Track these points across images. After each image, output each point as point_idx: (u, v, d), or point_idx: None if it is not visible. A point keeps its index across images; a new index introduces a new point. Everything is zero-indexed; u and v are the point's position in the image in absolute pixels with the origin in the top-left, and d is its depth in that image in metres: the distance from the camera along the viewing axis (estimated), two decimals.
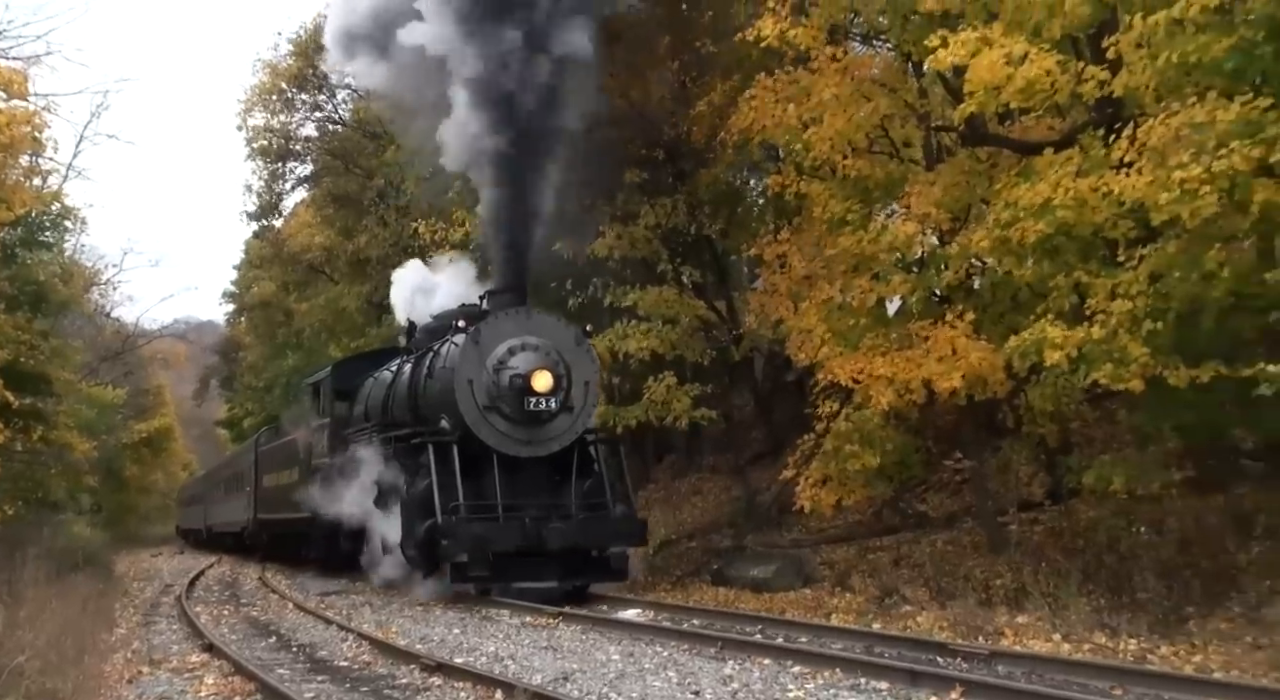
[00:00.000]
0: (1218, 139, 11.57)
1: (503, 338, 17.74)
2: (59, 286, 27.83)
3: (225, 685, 10.29)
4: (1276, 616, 11.33)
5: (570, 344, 18.18)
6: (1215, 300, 12.61)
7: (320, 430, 24.43)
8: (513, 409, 17.47)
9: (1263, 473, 15.44)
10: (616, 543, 17.16)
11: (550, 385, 17.40)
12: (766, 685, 8.78)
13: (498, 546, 16.30)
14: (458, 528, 16.31)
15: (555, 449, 17.86)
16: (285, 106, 38.69)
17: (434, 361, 18.98)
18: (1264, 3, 11.66)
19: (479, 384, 17.47)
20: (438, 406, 18.29)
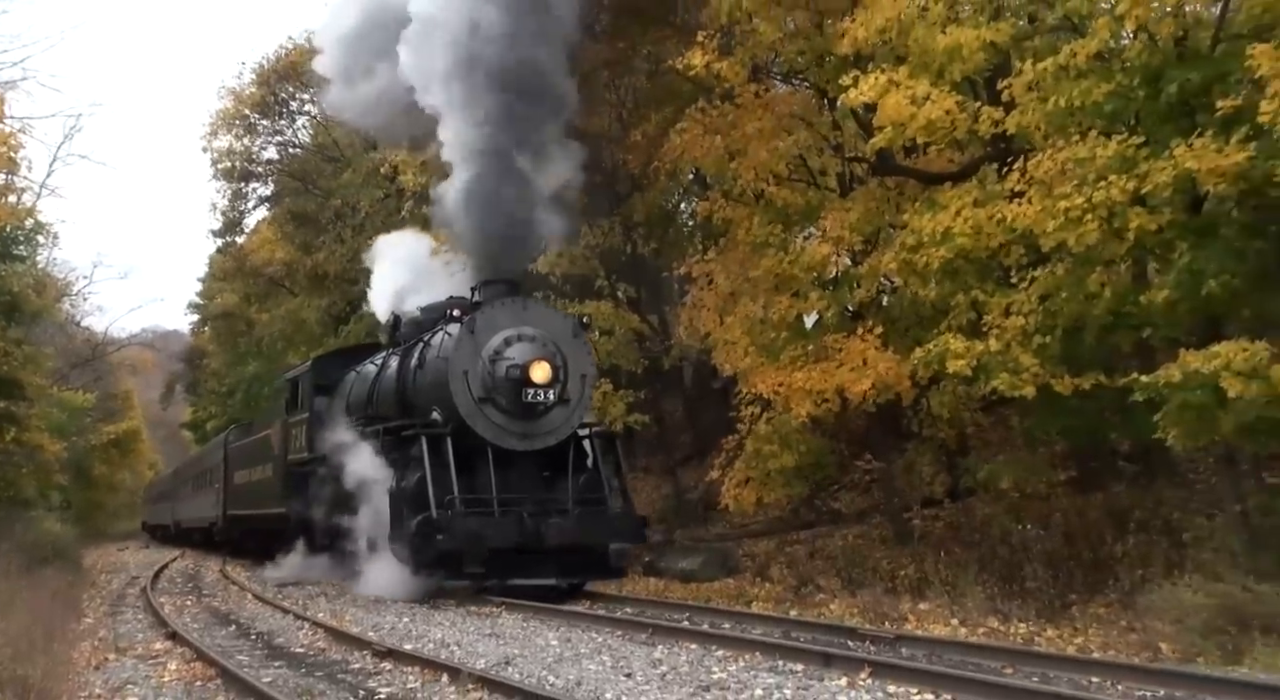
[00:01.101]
0: (1098, 173, 11.85)
1: (498, 328, 15.96)
2: (32, 297, 27.54)
3: (188, 671, 10.20)
4: (1148, 603, 11.52)
5: (567, 335, 16.44)
6: (1096, 318, 12.92)
7: (298, 425, 22.51)
8: (509, 401, 15.75)
9: (1136, 473, 15.78)
10: (615, 539, 15.52)
11: (549, 377, 15.70)
12: (693, 668, 8.81)
13: (494, 542, 14.70)
14: (453, 522, 14.69)
15: (551, 443, 16.15)
16: (248, 131, 38.59)
17: (425, 353, 17.20)
18: (1138, 53, 12.00)
19: (474, 375, 15.76)
20: (429, 398, 16.49)
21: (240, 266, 45.04)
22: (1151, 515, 14.22)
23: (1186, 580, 11.36)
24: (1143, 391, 11.42)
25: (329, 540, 19.58)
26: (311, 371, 22.43)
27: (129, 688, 9.37)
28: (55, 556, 23.33)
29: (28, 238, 27.79)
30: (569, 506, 15.67)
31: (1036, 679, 8.31)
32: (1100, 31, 12.18)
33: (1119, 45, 12.64)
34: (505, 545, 14.72)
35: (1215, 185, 10.93)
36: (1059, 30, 13.23)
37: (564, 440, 16.23)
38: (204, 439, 49.31)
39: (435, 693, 8.42)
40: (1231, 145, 10.68)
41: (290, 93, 37.62)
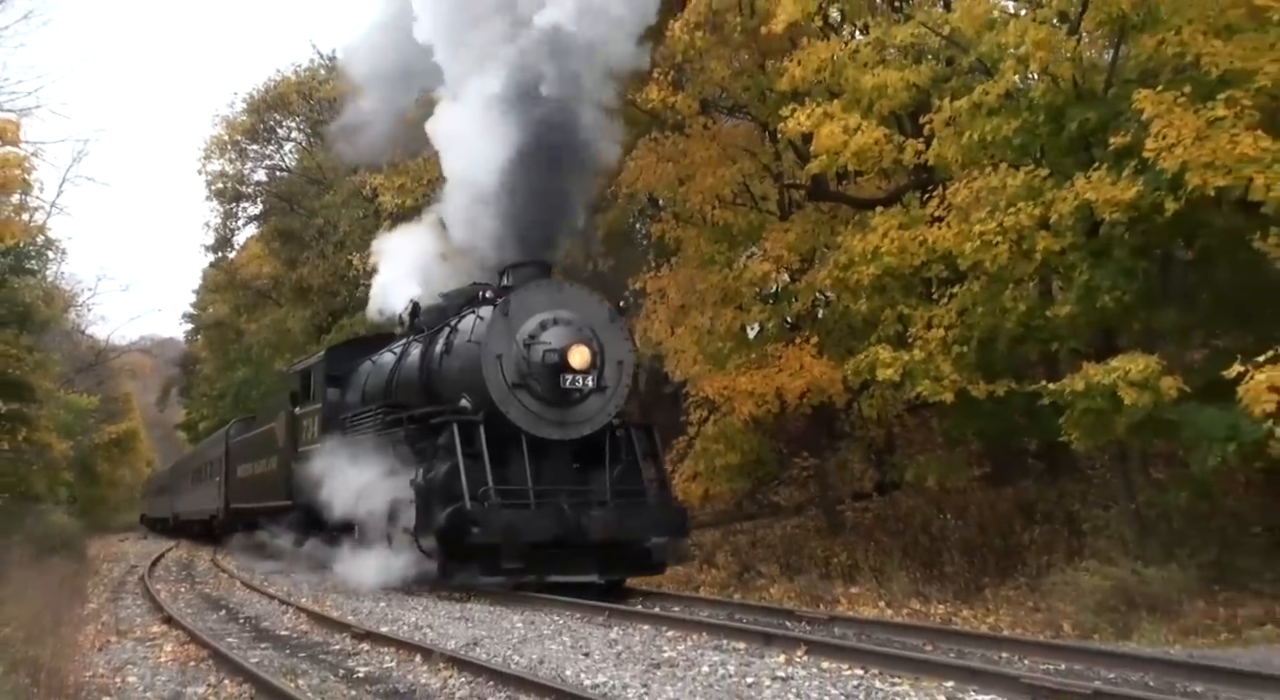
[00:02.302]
0: (1008, 200, 12.07)
1: (533, 311, 13.94)
2: (42, 307, 27.63)
3: (182, 652, 10.15)
4: (1051, 585, 11.73)
5: (603, 320, 14.36)
6: (1008, 330, 13.12)
7: (308, 417, 20.28)
8: (544, 387, 13.72)
9: (1042, 470, 16.06)
10: (656, 533, 13.64)
11: (587, 362, 13.70)
12: (645, 647, 8.80)
13: (532, 536, 12.71)
14: (489, 514, 12.70)
15: (587, 432, 14.06)
16: (239, 155, 38.62)
17: (452, 337, 14.98)
18: (1042, 93, 12.24)
19: (508, 359, 13.70)
20: (457, 385, 14.42)
21: (231, 279, 44.80)
22: (1055, 507, 14.50)
23: (1085, 565, 11.58)
24: (1050, 397, 11.63)
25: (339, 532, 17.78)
26: (324, 362, 20.13)
27: (129, 668, 9.34)
28: (62, 547, 23.21)
29: (39, 253, 27.96)
30: (607, 499, 13.68)
31: (953, 655, 8.36)
32: (1008, 74, 12.43)
33: (1025, 86, 12.87)
34: (543, 539, 12.79)
35: (1110, 213, 11.17)
36: (973, 72, 13.45)
37: (600, 429, 14.22)
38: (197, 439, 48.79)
39: (409, 671, 8.44)
40: (1123, 178, 10.96)
41: (278, 120, 37.58)
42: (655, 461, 14.87)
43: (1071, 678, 7.12)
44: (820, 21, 15.89)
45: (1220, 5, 10.77)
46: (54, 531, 24.96)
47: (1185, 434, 10.82)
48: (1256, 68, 10.20)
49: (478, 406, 13.75)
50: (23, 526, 22.18)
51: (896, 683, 6.97)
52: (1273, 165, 9.92)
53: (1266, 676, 6.90)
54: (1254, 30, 10.45)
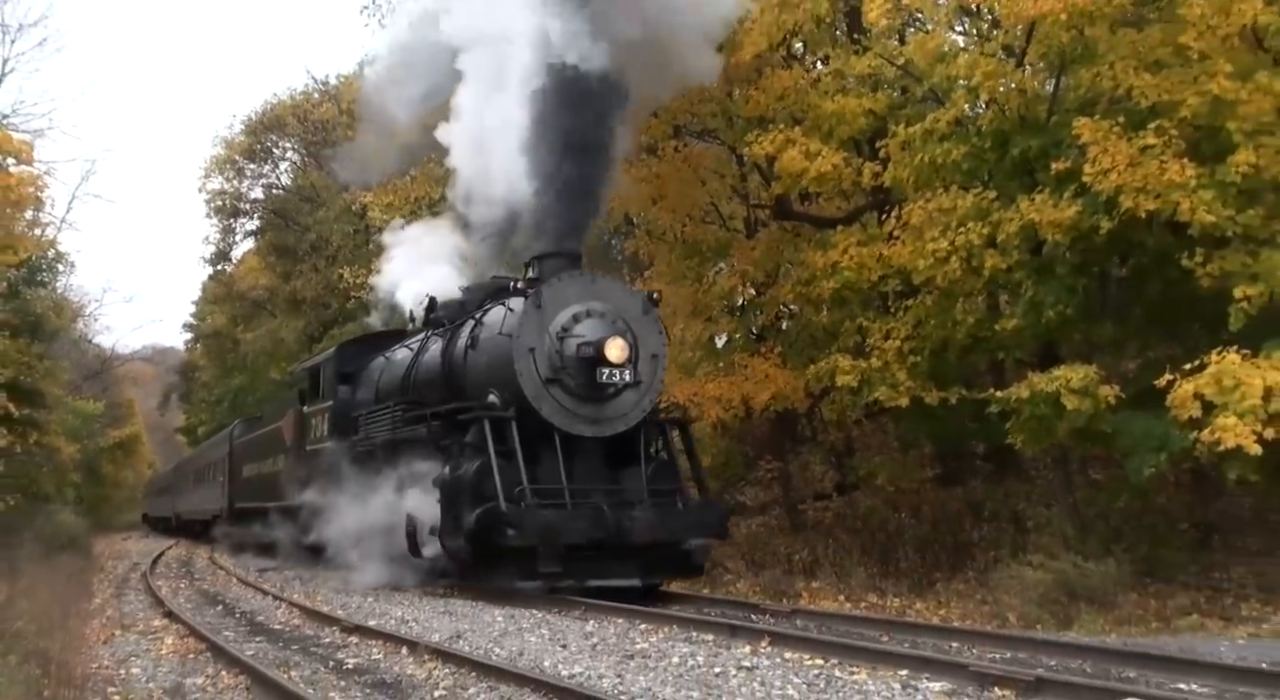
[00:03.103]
0: (958, 220, 12.23)
1: (566, 303, 12.65)
2: (52, 317, 27.68)
3: (182, 645, 10.10)
4: (998, 579, 11.83)
5: (637, 312, 12.99)
6: (959, 341, 13.28)
7: (317, 415, 18.77)
8: (578, 382, 12.43)
9: (990, 471, 16.18)
10: (699, 533, 12.41)
11: (625, 355, 12.36)
12: (619, 639, 8.77)
13: (570, 538, 11.47)
14: (526, 515, 11.45)
15: (621, 429, 12.72)
16: (237, 174, 38.66)
17: (477, 331, 13.62)
18: (989, 121, 12.39)
19: (541, 353, 12.42)
20: (484, 379, 13.05)
21: (228, 292, 44.66)
22: (1001, 506, 14.60)
23: (1028, 560, 11.69)
24: (998, 404, 11.77)
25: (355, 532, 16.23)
26: (335, 359, 18.66)
27: (132, 660, 9.30)
28: (70, 545, 23.14)
29: (49, 266, 27.86)
30: (644, 498, 12.39)
31: (908, 645, 8.39)
32: (958, 102, 12.60)
33: (974, 114, 13.01)
34: (582, 541, 11.55)
35: (1052, 233, 11.33)
36: (926, 101, 13.61)
37: (634, 426, 12.89)
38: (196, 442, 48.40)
39: (396, 663, 8.42)
40: (1064, 201, 11.12)
41: (274, 141, 37.52)
42: (691, 459, 13.61)
43: (1016, 665, 7.18)
44: (784, 52, 16.02)
45: (1149, 43, 10.95)
46: (62, 530, 24.93)
47: (1121, 442, 10.98)
48: (1181, 100, 10.39)
49: (507, 402, 12.47)
50: (33, 525, 22.14)
51: (854, 671, 7.01)
52: (1198, 190, 10.12)
53: (1192, 662, 7.02)
54: (1179, 66, 10.62)
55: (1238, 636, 9.15)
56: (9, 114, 21.24)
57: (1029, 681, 6.27)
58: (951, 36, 14.13)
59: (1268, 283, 9.96)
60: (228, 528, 27.19)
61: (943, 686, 6.45)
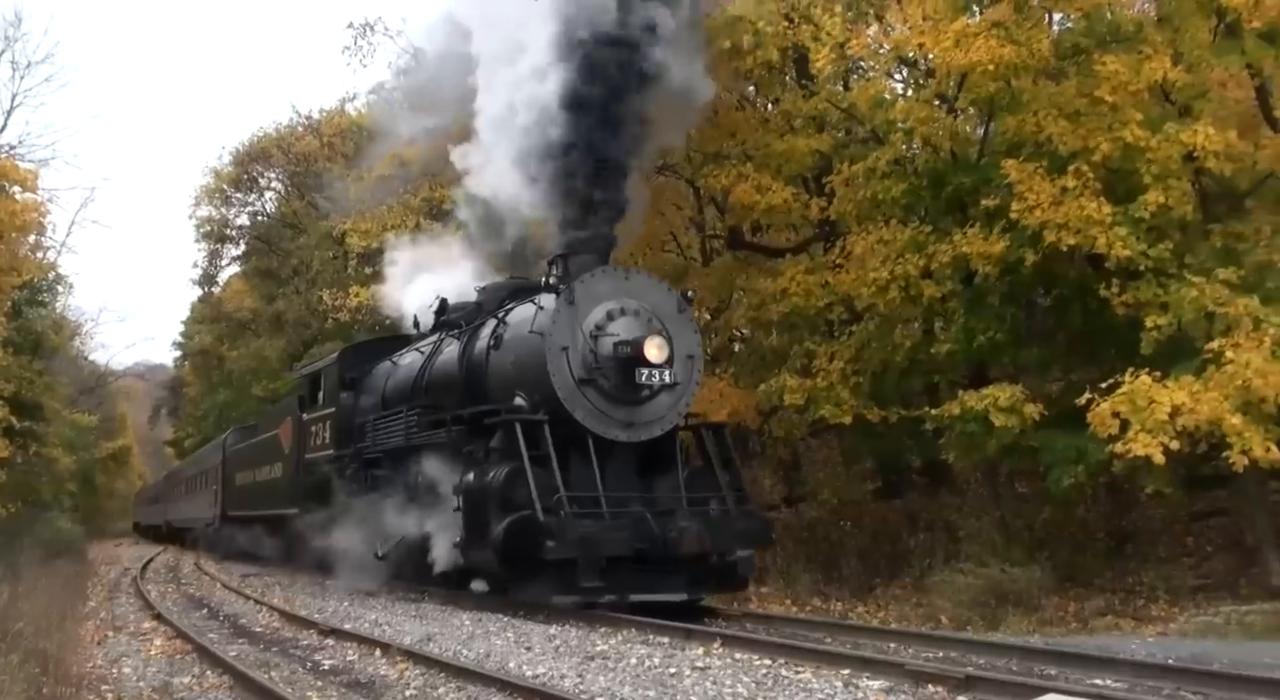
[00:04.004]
0: (897, 252, 12.41)
1: (599, 299, 11.26)
2: (51, 336, 27.80)
3: (170, 646, 10.00)
4: (932, 584, 11.93)
5: (671, 310, 11.58)
6: (898, 363, 13.42)
7: (318, 422, 17.25)
8: (614, 383, 11.05)
9: (925, 485, 16.32)
10: (744, 544, 10.99)
11: (665, 355, 11.00)
12: (580, 642, 8.71)
13: (611, 550, 10.11)
14: (565, 526, 10.05)
15: (657, 433, 11.29)
16: (225, 202, 38.54)
17: (501, 331, 12.12)
18: (925, 160, 12.60)
19: (574, 352, 11.03)
20: (510, 381, 11.60)
21: (215, 312, 44.34)
22: (936, 517, 14.69)
23: (960, 567, 11.81)
24: (932, 422, 11.96)
25: None
26: (338, 364, 17.02)
27: (124, 660, 9.21)
28: (66, 550, 22.95)
29: (50, 288, 28.06)
30: (683, 506, 11.01)
31: (849, 646, 8.41)
32: (896, 144, 12.79)
33: (912, 154, 13.21)
34: (625, 553, 10.21)
35: (982, 265, 11.52)
36: (867, 141, 13.81)
37: (670, 430, 11.50)
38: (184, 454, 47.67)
39: (370, 664, 8.37)
40: (993, 235, 11.32)
41: (260, 171, 37.40)
42: (730, 465, 11.92)
43: (948, 664, 7.25)
44: (738, 94, 16.18)
45: (1067, 95, 11.19)
46: (59, 536, 24.81)
47: (1044, 457, 11.15)
48: (1097, 145, 10.62)
49: (536, 405, 11.03)
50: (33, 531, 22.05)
51: (800, 671, 7.03)
52: (1113, 227, 10.36)
53: (1107, 659, 7.14)
54: (1095, 115, 10.86)
55: (1148, 635, 9.36)
56: (16, 145, 21.27)
57: (960, 679, 6.35)
58: (891, 83, 14.36)
59: (1175, 312, 10.18)
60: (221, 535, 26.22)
61: (881, 684, 6.51)
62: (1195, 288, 10.01)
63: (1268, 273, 10.21)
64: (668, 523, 10.42)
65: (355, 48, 26.99)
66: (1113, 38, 11.13)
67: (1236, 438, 9.29)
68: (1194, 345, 10.10)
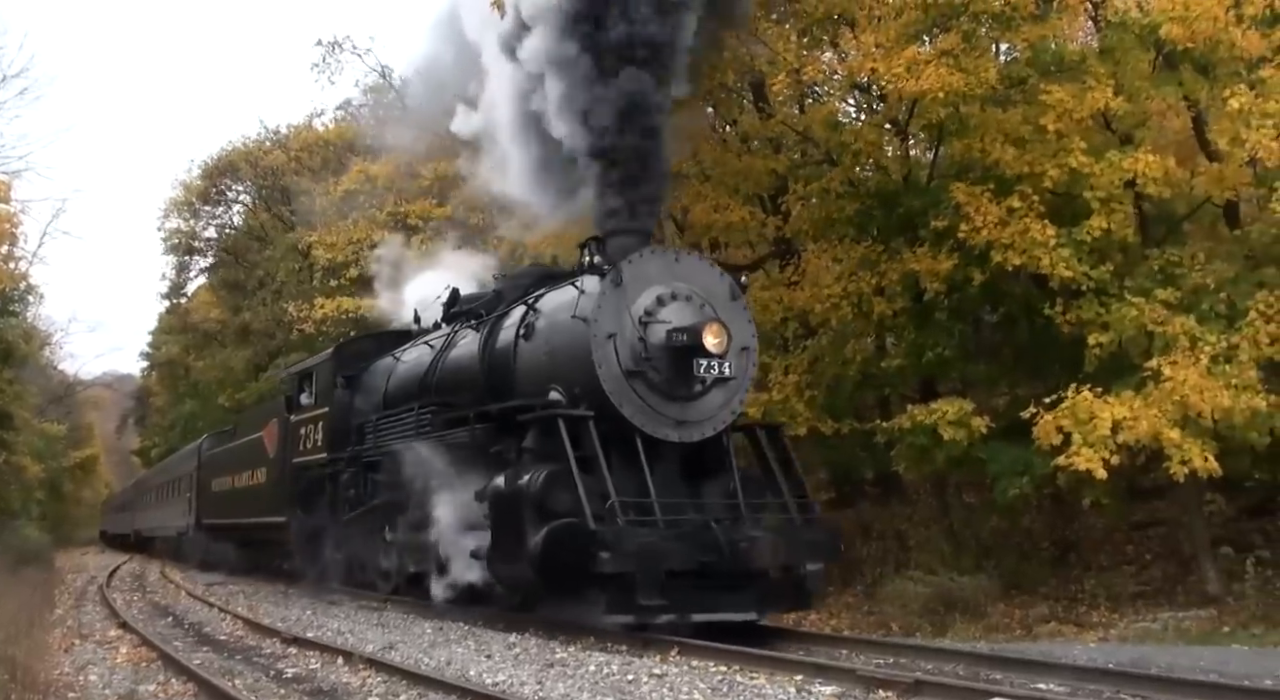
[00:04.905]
0: (850, 269, 12.52)
1: (648, 282, 9.81)
2: (22, 345, 27.24)
3: (135, 654, 9.81)
4: (883, 592, 12.03)
5: (724, 298, 10.13)
6: (850, 378, 13.50)
7: (310, 423, 15.65)
8: (664, 376, 9.60)
9: (877, 495, 16.40)
10: (812, 558, 9.58)
11: (725, 345, 9.47)
12: (540, 649, 8.64)
13: (673, 563, 8.73)
14: (622, 536, 8.66)
15: (709, 433, 9.85)
16: (193, 215, 38.05)
17: (532, 319, 10.63)
18: (877, 182, 12.74)
19: (623, 341, 9.59)
20: (543, 374, 10.17)
21: (183, 323, 43.82)
22: (887, 527, 14.78)
23: (910, 575, 11.92)
24: (883, 434, 12.05)
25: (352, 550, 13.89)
26: (332, 361, 15.48)
27: (90, 667, 9.03)
28: (34, 558, 22.47)
29: (21, 297, 27.35)
30: (742, 514, 9.60)
31: (802, 652, 8.37)
32: (849, 165, 12.90)
33: (864, 175, 13.34)
34: (687, 567, 8.85)
35: (931, 282, 11.66)
36: (821, 162, 13.91)
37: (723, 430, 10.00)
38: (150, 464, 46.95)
39: (332, 672, 8.27)
40: (942, 254, 11.46)
41: (228, 184, 37.06)
42: (789, 470, 10.35)
43: (897, 669, 7.30)
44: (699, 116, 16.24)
45: (1013, 122, 11.39)
46: (28, 545, 24.29)
47: (991, 468, 11.28)
48: (1043, 170, 10.81)
49: (575, 399, 9.67)
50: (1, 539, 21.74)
51: (754, 677, 7.04)
52: (1057, 248, 10.53)
53: (1050, 664, 7.23)
54: (1040, 141, 11.05)
55: (1089, 641, 9.50)
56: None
57: (909, 684, 6.39)
58: (845, 107, 14.51)
59: (1116, 330, 10.37)
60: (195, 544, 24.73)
61: (833, 690, 6.52)
62: (1135, 307, 10.20)
63: (1203, 294, 10.41)
64: (733, 532, 9.09)
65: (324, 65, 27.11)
66: (1057, 68, 11.34)
67: (1176, 450, 9.46)
68: (1134, 362, 10.28)
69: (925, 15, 11.50)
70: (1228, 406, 9.42)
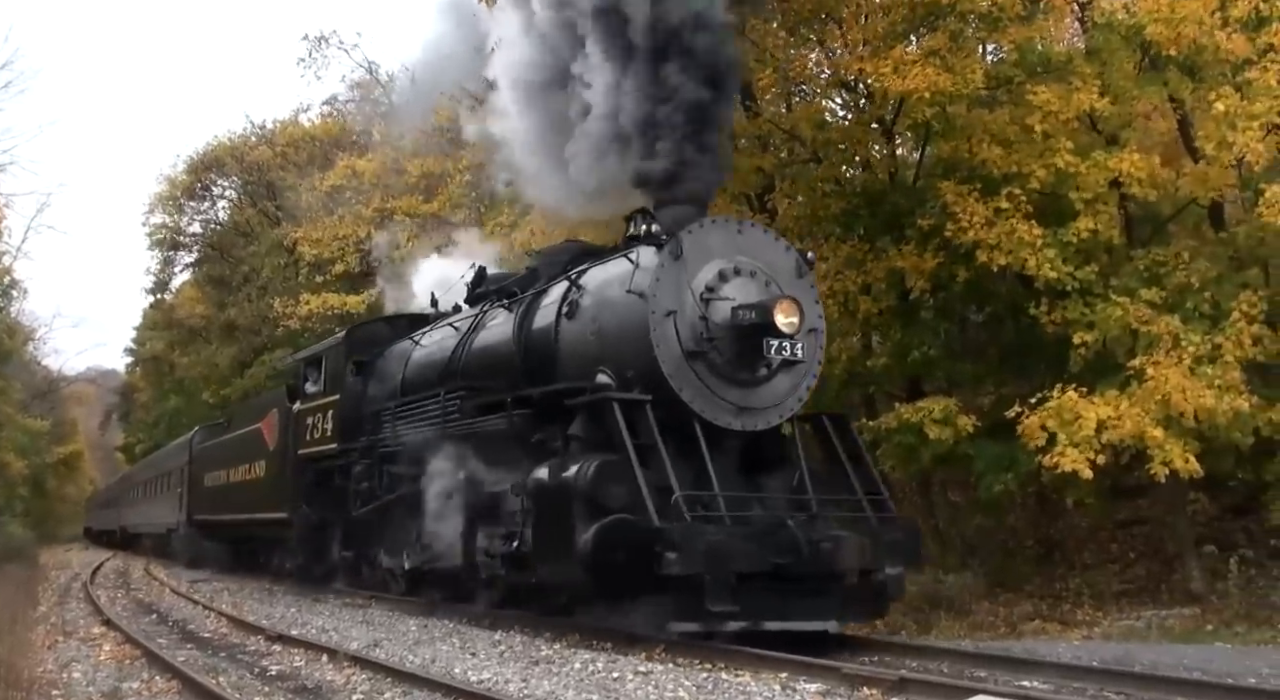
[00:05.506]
0: (836, 268, 12.52)
1: (710, 255, 8.85)
2: (5, 340, 27.06)
3: (119, 651, 9.75)
4: None
5: (790, 274, 9.19)
6: (837, 376, 13.37)
7: (318, 412, 14.66)
8: (727, 358, 8.67)
9: None
10: (893, 560, 8.55)
11: (798, 323, 8.56)
12: (525, 647, 8.63)
13: (746, 565, 7.83)
14: (689, 534, 7.73)
15: (775, 422, 9.00)
16: (178, 210, 37.89)
17: (576, 296, 9.60)
18: (864, 181, 12.76)
19: (683, 319, 8.65)
20: (591, 356, 9.21)
21: (167, 319, 43.66)
22: None
23: None
24: (869, 433, 11.96)
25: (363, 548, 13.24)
26: (344, 345, 14.50)
27: (74, 665, 8.96)
28: (17, 555, 22.38)
29: (4, 292, 27.29)
30: (813, 510, 8.62)
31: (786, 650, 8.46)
32: (835, 164, 12.94)
33: (851, 174, 13.36)
34: (761, 568, 7.93)
35: (916, 281, 11.69)
36: (808, 161, 13.93)
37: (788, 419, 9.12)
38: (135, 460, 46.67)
39: (317, 670, 8.24)
40: (928, 253, 11.49)
41: (213, 179, 36.94)
42: (860, 463, 9.42)
43: (882, 667, 7.30)
44: None
45: (1000, 122, 11.42)
46: (10, 542, 24.16)
47: (976, 465, 11.32)
48: (1030, 171, 10.85)
49: (626, 383, 8.73)
50: None
51: (739, 674, 7.03)
52: (1043, 249, 10.56)
53: (1034, 662, 7.27)
54: (1025, 142, 11.09)
55: (1073, 639, 9.53)
56: None
57: (894, 681, 6.39)
58: (832, 105, 14.51)
59: (1101, 330, 10.42)
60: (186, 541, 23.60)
61: (818, 687, 6.53)
62: (1120, 307, 10.25)
63: (1187, 294, 10.47)
64: (811, 531, 8.20)
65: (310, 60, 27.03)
66: (1043, 68, 11.37)
67: (1158, 450, 9.51)
68: (1118, 362, 10.33)
69: (912, 13, 11.52)
70: (1211, 406, 9.47)
